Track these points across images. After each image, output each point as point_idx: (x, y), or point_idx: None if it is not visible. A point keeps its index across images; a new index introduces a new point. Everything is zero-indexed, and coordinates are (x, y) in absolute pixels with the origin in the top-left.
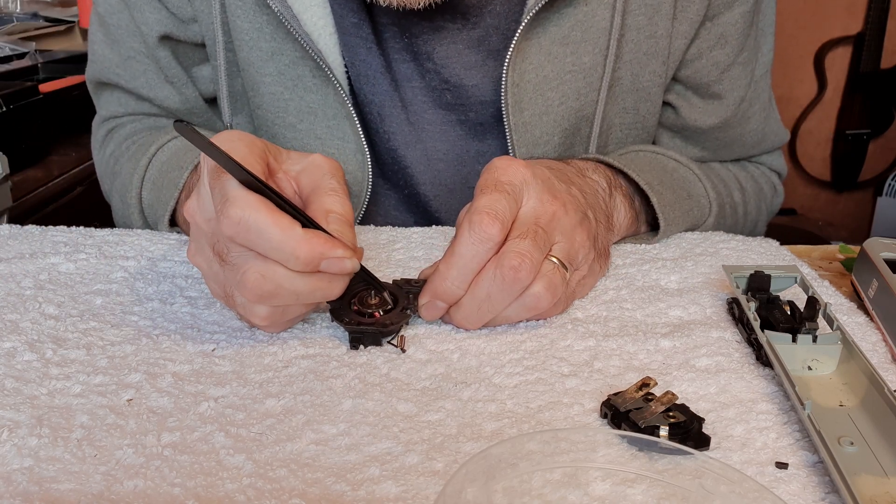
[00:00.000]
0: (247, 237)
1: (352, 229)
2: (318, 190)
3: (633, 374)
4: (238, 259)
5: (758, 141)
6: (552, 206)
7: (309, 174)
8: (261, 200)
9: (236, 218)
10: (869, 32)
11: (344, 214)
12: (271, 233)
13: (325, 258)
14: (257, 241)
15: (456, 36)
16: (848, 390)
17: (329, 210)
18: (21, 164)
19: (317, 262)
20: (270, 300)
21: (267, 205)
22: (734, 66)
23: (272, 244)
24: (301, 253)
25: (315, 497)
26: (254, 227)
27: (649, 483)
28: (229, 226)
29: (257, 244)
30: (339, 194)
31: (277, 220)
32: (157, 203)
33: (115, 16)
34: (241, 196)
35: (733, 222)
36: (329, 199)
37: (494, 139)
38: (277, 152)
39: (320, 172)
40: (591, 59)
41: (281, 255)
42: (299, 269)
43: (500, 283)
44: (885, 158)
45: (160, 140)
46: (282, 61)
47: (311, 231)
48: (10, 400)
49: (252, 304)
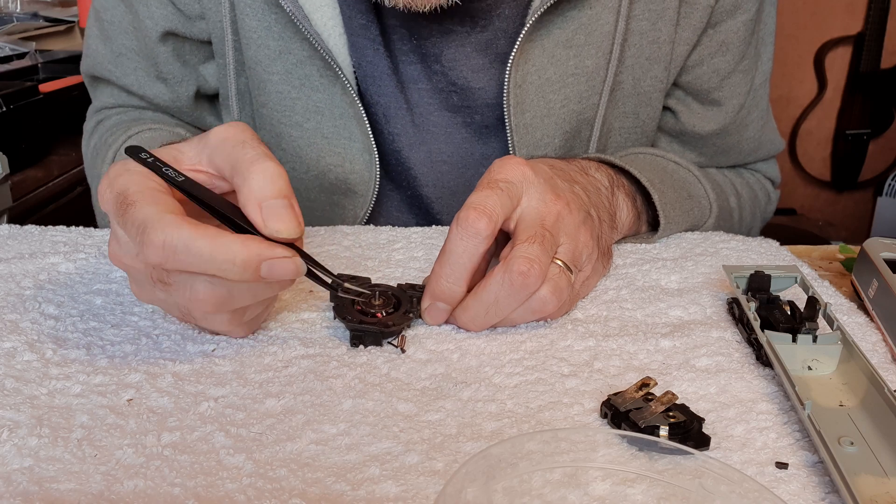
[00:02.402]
0: (175, 258)
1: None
2: (239, 166)
3: (633, 374)
4: (180, 278)
5: (754, 148)
6: (556, 205)
7: (220, 152)
8: (179, 217)
9: (159, 242)
10: (869, 32)
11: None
12: (199, 246)
13: (264, 259)
14: (188, 260)
15: (464, 39)
16: (848, 390)
17: (259, 196)
18: (21, 164)
19: (255, 264)
20: (229, 305)
21: (187, 220)
22: (734, 73)
23: (204, 257)
24: (237, 258)
25: (315, 497)
26: (180, 246)
27: (649, 483)
28: (155, 252)
29: (189, 262)
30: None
31: (202, 231)
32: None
33: (110, 11)
34: (156, 218)
35: (728, 227)
36: (255, 178)
37: (498, 142)
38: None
39: (230, 144)
40: (594, 62)
41: (217, 266)
42: (239, 277)
43: (508, 287)
44: (885, 158)
45: (131, 130)
46: (289, 60)
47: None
48: (10, 400)
49: (212, 314)
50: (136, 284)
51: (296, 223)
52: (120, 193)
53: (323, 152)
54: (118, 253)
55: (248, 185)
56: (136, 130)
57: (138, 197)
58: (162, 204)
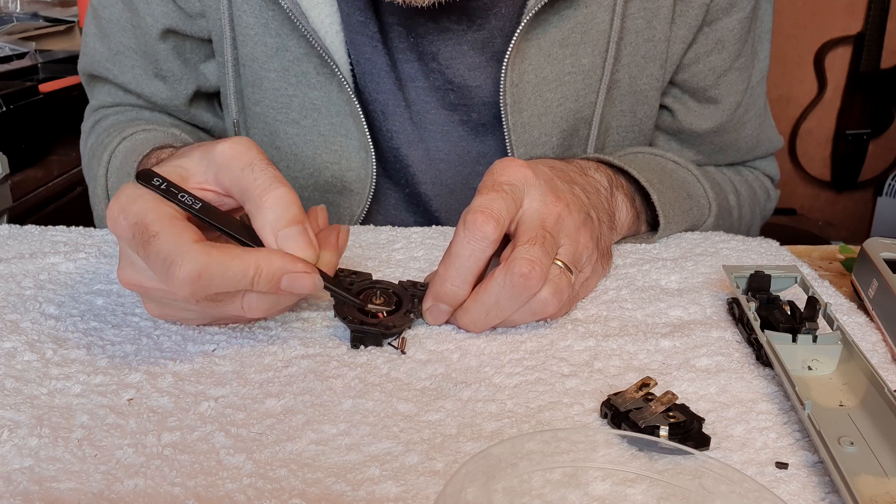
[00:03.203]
0: (209, 284)
1: (306, 236)
2: (250, 193)
3: (633, 374)
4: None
5: (752, 146)
6: (556, 207)
7: (227, 173)
8: (206, 245)
9: (195, 273)
10: (869, 32)
11: (291, 219)
12: (232, 268)
13: (286, 273)
14: (222, 283)
15: (461, 37)
16: (848, 390)
17: (275, 226)
18: (21, 164)
19: (278, 279)
20: (277, 308)
21: (215, 247)
22: (731, 71)
23: (237, 277)
24: (263, 272)
25: (315, 497)
26: (215, 273)
27: (649, 483)
28: (188, 284)
29: (223, 285)
30: (273, 189)
31: (230, 253)
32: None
33: (108, 9)
34: (184, 250)
35: (728, 225)
36: (269, 207)
37: (495, 140)
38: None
39: (238, 167)
40: (590, 61)
41: (247, 281)
42: (266, 288)
43: (509, 289)
44: (885, 158)
45: (126, 131)
46: (286, 57)
47: (265, 249)
48: (10, 400)
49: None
50: (154, 304)
51: (312, 249)
52: (137, 223)
53: (319, 150)
54: (134, 278)
55: (263, 215)
56: (132, 131)
57: (159, 227)
58: (184, 233)
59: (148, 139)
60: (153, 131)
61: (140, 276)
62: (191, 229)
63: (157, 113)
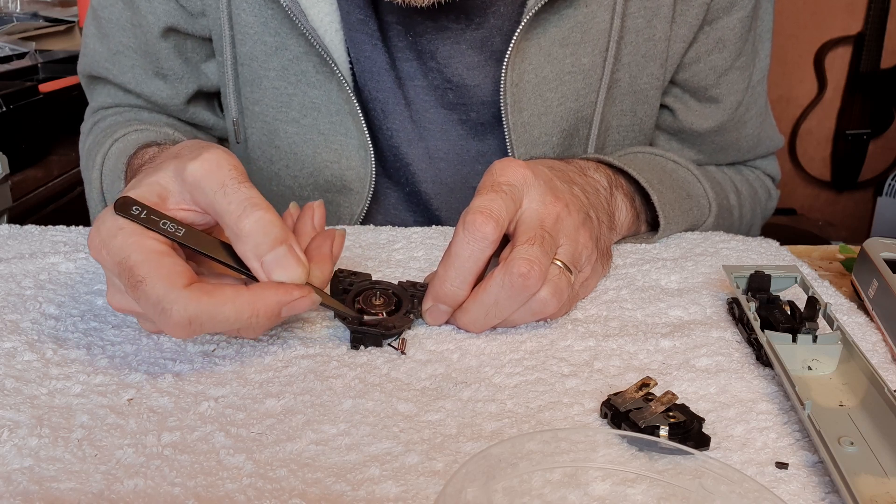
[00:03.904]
0: (202, 328)
1: (292, 255)
2: (227, 220)
3: (633, 374)
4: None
5: (753, 145)
6: (555, 207)
7: (200, 195)
8: (195, 290)
9: (184, 320)
10: (869, 32)
11: (272, 243)
12: (225, 312)
13: (283, 305)
14: (214, 327)
15: (459, 36)
16: (848, 390)
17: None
18: (21, 164)
19: (277, 311)
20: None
21: (204, 290)
22: (732, 70)
23: (230, 321)
24: (260, 313)
25: (315, 497)
26: (206, 319)
27: (649, 483)
28: (181, 330)
29: (216, 328)
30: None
31: (221, 297)
32: (112, 190)
33: (108, 9)
34: (172, 297)
35: (728, 224)
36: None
37: (495, 139)
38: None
39: (210, 189)
40: (591, 60)
41: (242, 323)
42: (265, 325)
43: (508, 289)
44: (885, 158)
45: (118, 132)
46: (286, 56)
47: (256, 287)
48: (10, 400)
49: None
50: (149, 323)
51: (300, 268)
52: (121, 263)
53: (319, 149)
54: (124, 304)
55: (244, 244)
56: (124, 132)
57: (145, 271)
58: (172, 275)
59: (139, 139)
60: (145, 131)
61: (130, 303)
62: (179, 270)
63: (155, 114)
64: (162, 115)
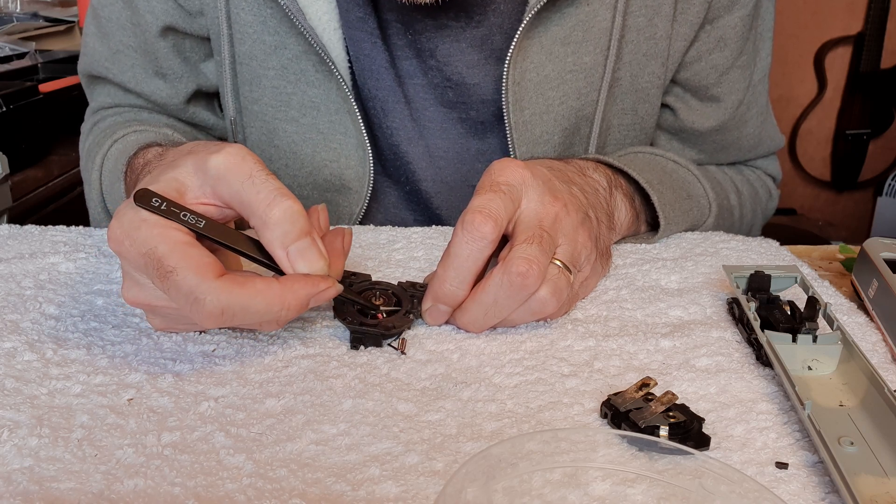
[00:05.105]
0: (233, 320)
1: (315, 248)
2: (254, 207)
3: (633, 374)
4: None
5: (754, 145)
6: (554, 207)
7: (224, 186)
8: (227, 281)
9: (217, 311)
10: (869, 32)
11: (298, 233)
12: (256, 304)
13: (311, 297)
14: (245, 318)
15: (459, 34)
16: (848, 390)
17: (284, 242)
18: (21, 164)
19: (306, 304)
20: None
21: (236, 282)
22: (733, 69)
23: (261, 312)
24: (290, 305)
25: (315, 497)
26: (238, 310)
27: (649, 483)
28: (214, 320)
29: (246, 319)
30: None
31: (252, 289)
32: (112, 191)
33: (107, 8)
34: (205, 287)
35: (729, 224)
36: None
37: (495, 138)
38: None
39: (236, 179)
40: (592, 59)
41: (272, 315)
42: (289, 318)
43: (507, 288)
44: (885, 158)
45: (118, 133)
46: (285, 55)
47: (286, 279)
48: (10, 400)
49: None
50: (159, 319)
51: (323, 259)
52: (147, 254)
53: (318, 148)
54: (142, 297)
55: (271, 231)
56: (123, 133)
57: (175, 262)
58: (202, 266)
59: (138, 140)
60: (145, 132)
61: (149, 297)
62: (208, 261)
63: (155, 114)
64: (162, 116)
